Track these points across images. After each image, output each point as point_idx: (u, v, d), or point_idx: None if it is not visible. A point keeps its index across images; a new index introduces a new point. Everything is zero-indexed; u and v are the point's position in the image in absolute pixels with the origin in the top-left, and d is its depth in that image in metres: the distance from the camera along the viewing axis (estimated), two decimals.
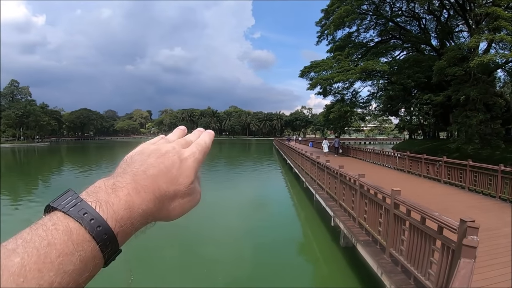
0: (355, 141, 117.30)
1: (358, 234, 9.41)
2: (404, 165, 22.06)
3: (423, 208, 5.88)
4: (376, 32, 44.33)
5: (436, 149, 34.25)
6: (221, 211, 18.38)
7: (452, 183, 16.33)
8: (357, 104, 43.28)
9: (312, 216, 16.36)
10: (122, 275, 9.22)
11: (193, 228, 14.69)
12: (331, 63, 39.56)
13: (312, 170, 19.80)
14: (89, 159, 61.24)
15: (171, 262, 10.95)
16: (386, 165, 25.67)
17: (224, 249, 12.21)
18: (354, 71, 34.84)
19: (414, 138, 59.65)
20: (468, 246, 4.14)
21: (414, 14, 41.42)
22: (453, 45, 33.56)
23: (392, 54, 44.67)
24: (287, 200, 22.20)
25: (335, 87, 40.93)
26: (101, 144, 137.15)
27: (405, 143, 56.00)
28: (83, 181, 31.59)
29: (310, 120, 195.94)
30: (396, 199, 7.08)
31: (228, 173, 38.23)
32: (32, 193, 24.84)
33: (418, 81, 35.67)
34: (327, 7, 42.13)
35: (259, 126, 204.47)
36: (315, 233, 13.99)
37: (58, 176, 36.34)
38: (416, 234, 6.09)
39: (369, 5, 39.75)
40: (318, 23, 44.53)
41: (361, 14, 40.19)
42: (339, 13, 37.60)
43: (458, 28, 42.14)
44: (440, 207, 9.77)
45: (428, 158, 19.17)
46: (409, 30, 42.97)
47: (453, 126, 31.14)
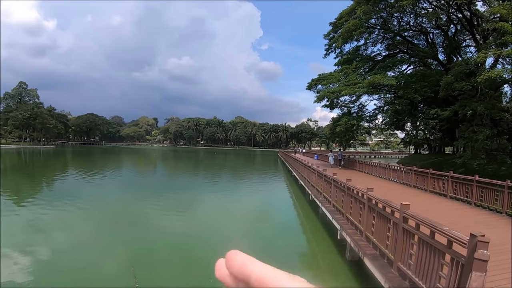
0: (360, 154, 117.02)
1: (365, 247, 9.40)
2: (410, 179, 22.02)
3: (433, 223, 5.92)
4: (383, 46, 44.76)
5: (441, 164, 34.19)
6: (224, 222, 18.39)
7: (459, 198, 16.30)
8: (363, 117, 43.37)
9: (318, 229, 16.33)
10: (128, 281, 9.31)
11: (196, 239, 14.77)
12: (338, 76, 39.77)
13: (319, 182, 19.77)
14: (94, 164, 61.38)
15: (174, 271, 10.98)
16: (392, 179, 25.63)
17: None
18: (361, 84, 34.98)
19: (420, 152, 59.44)
20: (479, 260, 4.20)
21: (422, 29, 41.67)
22: (460, 60, 33.74)
23: (399, 68, 44.78)
24: (292, 212, 22.15)
25: (342, 100, 41.10)
26: (107, 149, 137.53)
27: (411, 157, 55.85)
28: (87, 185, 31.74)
29: (316, 132, 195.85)
30: (405, 213, 7.12)
31: (232, 184, 38.30)
32: (36, 195, 24.97)
33: (425, 96, 35.75)
34: (335, 21, 42.57)
35: (265, 137, 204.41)
36: (321, 246, 13.97)
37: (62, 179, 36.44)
38: (425, 248, 6.11)
39: (377, 19, 40.03)
40: (326, 36, 44.93)
41: (369, 28, 40.49)
42: (347, 26, 37.93)
43: (466, 43, 42.33)
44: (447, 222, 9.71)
45: (434, 173, 19.12)
46: (417, 45, 43.17)
47: (460, 141, 31.13)
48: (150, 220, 18.35)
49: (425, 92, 35.09)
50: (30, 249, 12.25)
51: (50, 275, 10.15)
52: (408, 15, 40.15)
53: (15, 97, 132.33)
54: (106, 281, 9.65)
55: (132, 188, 31.92)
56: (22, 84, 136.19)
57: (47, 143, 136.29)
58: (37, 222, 16.66)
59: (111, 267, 10.95)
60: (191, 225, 17.71)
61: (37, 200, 22.52)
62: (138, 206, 22.07)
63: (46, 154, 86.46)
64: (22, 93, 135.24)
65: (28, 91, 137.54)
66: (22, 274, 10.02)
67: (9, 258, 11.27)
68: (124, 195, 26.86)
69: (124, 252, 12.51)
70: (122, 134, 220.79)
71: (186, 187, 33.17)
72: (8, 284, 8.40)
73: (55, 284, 9.56)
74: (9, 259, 11.13)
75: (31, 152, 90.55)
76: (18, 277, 9.73)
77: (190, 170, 57.47)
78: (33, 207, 20.04)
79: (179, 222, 18.03)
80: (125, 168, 57.57)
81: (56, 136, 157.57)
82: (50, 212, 18.71)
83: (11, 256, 11.42)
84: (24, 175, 39.94)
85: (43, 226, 16.03)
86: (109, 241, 14.04)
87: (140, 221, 18.05)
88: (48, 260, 11.42)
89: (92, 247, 12.94)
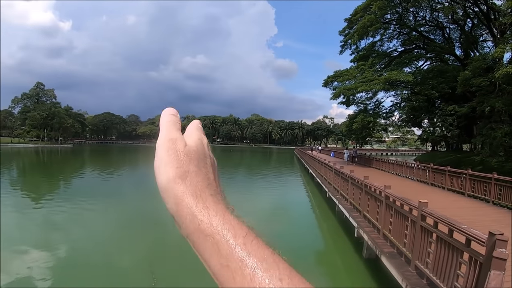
0: (377, 152, 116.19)
1: (383, 245, 9.42)
2: (428, 177, 21.88)
3: (451, 221, 5.92)
4: (399, 41, 44.24)
5: (459, 161, 33.76)
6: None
7: (477, 197, 16.16)
8: (380, 114, 42.93)
9: (334, 227, 16.34)
10: (145, 278, 9.45)
11: None
12: (354, 72, 39.53)
13: (336, 180, 19.74)
14: (111, 162, 62.12)
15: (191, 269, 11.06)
16: (409, 177, 25.47)
17: None
18: (377, 81, 34.69)
19: (437, 149, 58.77)
20: (498, 259, 4.21)
21: (438, 24, 41.11)
22: (477, 55, 33.21)
23: (416, 64, 44.30)
24: (308, 210, 22.17)
25: (358, 97, 40.74)
26: (123, 147, 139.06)
27: (428, 155, 55.24)
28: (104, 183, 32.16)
29: (332, 129, 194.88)
30: (423, 211, 7.12)
31: (248, 181, 38.55)
32: (54, 193, 25.58)
33: (442, 92, 35.33)
34: (350, 17, 42.25)
35: (281, 135, 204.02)
36: (337, 244, 14.00)
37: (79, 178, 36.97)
38: (443, 246, 6.13)
39: (393, 15, 39.66)
40: (341, 32, 44.62)
41: (385, 24, 40.11)
42: (362, 22, 37.59)
43: (483, 37, 41.48)
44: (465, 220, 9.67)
45: (452, 170, 18.97)
46: (433, 40, 42.57)
47: (477, 138, 30.68)
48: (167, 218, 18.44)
49: (442, 88, 34.69)
50: (48, 246, 12.61)
51: (68, 272, 10.38)
52: (424, 9, 39.63)
53: (33, 97, 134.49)
54: (124, 279, 9.87)
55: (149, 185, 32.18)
56: (39, 85, 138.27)
57: (64, 142, 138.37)
58: (55, 219, 17.04)
59: (129, 265, 11.21)
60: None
61: (55, 198, 23.02)
62: (156, 203, 22.22)
63: (63, 152, 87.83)
64: (39, 94, 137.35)
65: (45, 91, 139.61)
66: (40, 270, 10.32)
67: (28, 254, 11.56)
68: (141, 192, 27.12)
69: (142, 250, 12.79)
70: (138, 132, 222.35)
71: None
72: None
73: (73, 280, 9.81)
74: (28, 256, 11.41)
75: (49, 151, 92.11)
76: (36, 274, 10.03)
77: None
78: (51, 204, 20.56)
79: None
80: (141, 166, 58.06)
81: (74, 135, 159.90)
82: (68, 210, 19.16)
83: (30, 253, 11.70)
84: (42, 174, 40.64)
85: (61, 223, 16.42)
86: (127, 238, 14.33)
87: (157, 219, 18.25)
88: (66, 257, 11.69)
89: (110, 245, 13.29)
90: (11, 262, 10.77)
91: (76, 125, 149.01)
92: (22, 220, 16.93)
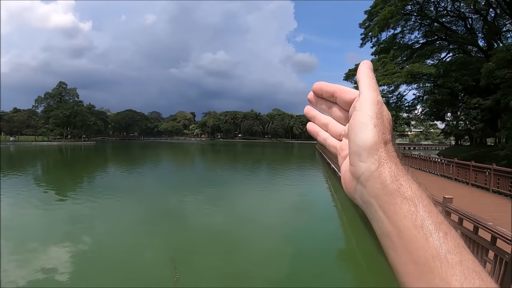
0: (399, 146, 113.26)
1: None
2: (451, 172, 21.45)
3: (476, 217, 5.81)
4: (421, 33, 43.48)
5: (483, 156, 33.03)
6: (262, 215, 18.57)
7: (502, 192, 15.76)
8: (402, 108, 42.42)
9: (357, 223, 16.19)
10: (168, 272, 9.54)
11: (235, 231, 14.99)
12: (376, 65, 38.98)
13: None
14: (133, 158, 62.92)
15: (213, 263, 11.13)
16: (432, 171, 25.05)
17: (264, 252, 12.34)
18: (399, 74, 34.25)
19: (461, 144, 57.80)
20: None
21: (460, 14, 40.21)
22: (501, 46, 32.40)
23: (438, 56, 43.56)
24: (330, 205, 22.00)
25: (380, 91, 39.96)
26: (145, 144, 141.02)
27: (451, 149, 54.31)
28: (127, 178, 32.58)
29: None
30: (448, 207, 7.00)
31: (270, 176, 38.59)
32: (77, 189, 26.18)
33: (466, 85, 34.62)
34: (370, 9, 41.70)
35: (302, 129, 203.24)
36: (359, 241, 13.84)
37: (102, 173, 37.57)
38: (468, 244, 5.96)
39: (413, 6, 38.99)
40: (361, 25, 44.10)
41: (406, 15, 39.52)
42: (383, 14, 37.11)
43: (506, 27, 40.40)
44: (490, 217, 9.49)
45: (476, 165, 18.52)
46: (455, 31, 41.72)
47: (502, 132, 29.99)
48: (189, 212, 18.76)
49: (465, 81, 33.98)
50: (72, 239, 12.94)
51: (91, 265, 10.64)
52: (445, 0, 39.00)
53: (55, 96, 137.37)
54: (146, 272, 10.01)
55: (171, 181, 32.59)
56: (62, 84, 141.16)
57: (87, 139, 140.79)
58: (78, 214, 17.40)
59: (151, 258, 11.34)
60: (230, 217, 18.03)
61: (78, 193, 23.51)
62: (177, 198, 22.58)
63: (86, 150, 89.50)
64: (62, 93, 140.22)
65: (67, 90, 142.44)
66: (65, 264, 10.60)
67: (52, 248, 11.82)
68: (163, 187, 27.43)
69: (164, 244, 12.98)
70: (160, 129, 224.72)
71: (223, 179, 33.57)
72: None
73: (96, 273, 10.04)
74: (52, 250, 11.67)
75: (72, 148, 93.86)
76: (61, 267, 10.27)
77: (228, 163, 58.01)
78: (75, 200, 21.04)
79: (218, 214, 18.42)
80: (164, 162, 58.70)
81: (96, 132, 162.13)
82: (91, 205, 19.58)
83: (53, 247, 11.97)
84: (65, 170, 41.47)
85: (84, 218, 16.75)
86: (149, 232, 14.55)
87: (179, 213, 18.48)
88: (90, 250, 11.95)
89: (133, 239, 13.48)
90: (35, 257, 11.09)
91: (98, 123, 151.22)
92: (45, 215, 17.34)
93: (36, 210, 18.35)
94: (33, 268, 10.13)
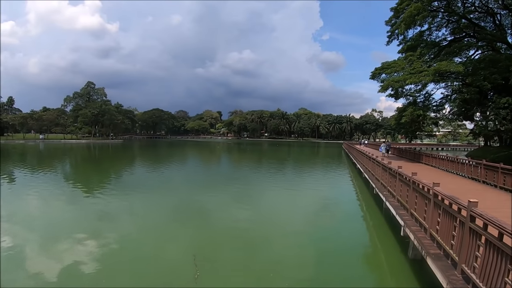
0: (427, 146, 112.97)
1: (429, 246, 8.99)
2: (479, 174, 20.79)
3: (501, 223, 5.52)
4: (448, 30, 42.30)
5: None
6: (286, 214, 18.60)
7: None
8: (430, 107, 41.37)
9: (381, 224, 15.97)
10: (188, 270, 9.53)
11: (257, 230, 14.97)
12: (402, 64, 38.23)
13: (383, 176, 19.10)
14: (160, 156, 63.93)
15: (234, 262, 11.10)
16: (459, 173, 24.40)
17: (287, 252, 12.24)
18: (427, 72, 33.41)
19: (490, 145, 56.25)
20: None
21: (488, 10, 39.07)
22: None
23: (466, 53, 42.29)
24: (355, 206, 21.78)
25: (407, 89, 39.38)
26: (172, 142, 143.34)
27: (480, 150, 52.85)
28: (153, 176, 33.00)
29: (381, 123, 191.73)
30: (472, 211, 6.69)
31: (296, 175, 38.65)
32: (105, 185, 26.62)
33: (495, 83, 33.51)
34: (396, 6, 40.84)
35: (329, 129, 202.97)
36: (383, 242, 13.62)
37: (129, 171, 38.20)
38: (492, 250, 5.74)
39: (440, 2, 38.05)
40: (388, 22, 43.28)
41: (432, 12, 38.60)
42: (409, 11, 36.34)
43: None
44: None
45: (505, 167, 17.81)
46: (483, 27, 40.41)
47: None
48: (213, 211, 18.90)
49: (494, 79, 32.85)
50: (98, 235, 13.22)
51: (115, 261, 10.87)
52: None
53: (84, 96, 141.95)
54: (167, 269, 10.13)
55: (196, 179, 32.90)
56: (90, 84, 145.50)
57: (115, 137, 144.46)
58: (105, 210, 17.91)
59: (173, 255, 11.53)
60: (253, 216, 18.14)
61: (105, 190, 24.10)
62: (202, 196, 22.86)
63: (114, 147, 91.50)
64: (90, 92, 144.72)
65: (95, 90, 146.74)
66: (90, 258, 10.80)
67: (79, 243, 12.18)
68: (188, 185, 27.78)
69: (187, 241, 13.14)
70: (187, 127, 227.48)
71: (249, 178, 33.69)
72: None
73: (118, 268, 10.27)
74: (79, 245, 12.01)
75: (100, 146, 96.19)
76: (86, 262, 10.49)
77: (254, 162, 58.37)
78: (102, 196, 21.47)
79: (241, 213, 18.57)
80: (190, 160, 59.31)
81: (124, 131, 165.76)
82: (118, 202, 20.15)
83: (81, 242, 12.31)
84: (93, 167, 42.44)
85: (110, 214, 17.21)
86: (172, 230, 14.83)
87: (203, 211, 18.62)
88: (114, 246, 12.14)
89: (157, 235, 13.76)
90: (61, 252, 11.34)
91: (126, 121, 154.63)
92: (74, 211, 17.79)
93: (65, 205, 19.10)
94: (58, 262, 10.41)
